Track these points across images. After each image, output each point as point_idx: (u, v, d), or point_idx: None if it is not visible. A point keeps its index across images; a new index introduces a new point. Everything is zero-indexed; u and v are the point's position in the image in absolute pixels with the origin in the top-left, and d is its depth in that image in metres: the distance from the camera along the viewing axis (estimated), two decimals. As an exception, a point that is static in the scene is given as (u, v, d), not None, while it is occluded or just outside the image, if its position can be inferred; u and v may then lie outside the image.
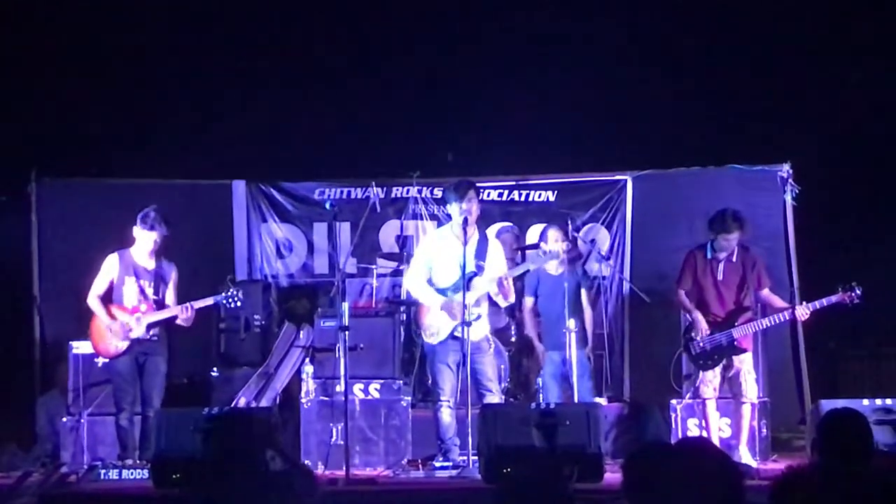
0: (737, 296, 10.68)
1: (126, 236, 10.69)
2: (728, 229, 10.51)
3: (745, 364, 10.58)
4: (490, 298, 10.44)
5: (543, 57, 13.33)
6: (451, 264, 10.26)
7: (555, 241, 11.39)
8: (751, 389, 10.59)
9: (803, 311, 10.52)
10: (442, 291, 10.30)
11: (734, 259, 10.65)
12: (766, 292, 10.70)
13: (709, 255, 10.69)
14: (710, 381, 10.61)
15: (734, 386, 10.62)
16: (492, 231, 12.28)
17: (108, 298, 10.65)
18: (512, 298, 10.55)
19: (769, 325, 10.68)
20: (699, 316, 10.63)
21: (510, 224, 13.08)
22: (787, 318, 10.61)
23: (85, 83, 13.09)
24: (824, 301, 10.49)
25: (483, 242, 10.41)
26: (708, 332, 10.55)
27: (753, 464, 10.44)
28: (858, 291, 10.34)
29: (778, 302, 10.69)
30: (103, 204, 12.67)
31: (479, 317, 10.21)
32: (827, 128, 12.96)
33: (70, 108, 13.02)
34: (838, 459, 5.57)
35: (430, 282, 10.41)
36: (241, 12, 13.33)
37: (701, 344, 10.57)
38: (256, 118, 13.29)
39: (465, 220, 10.14)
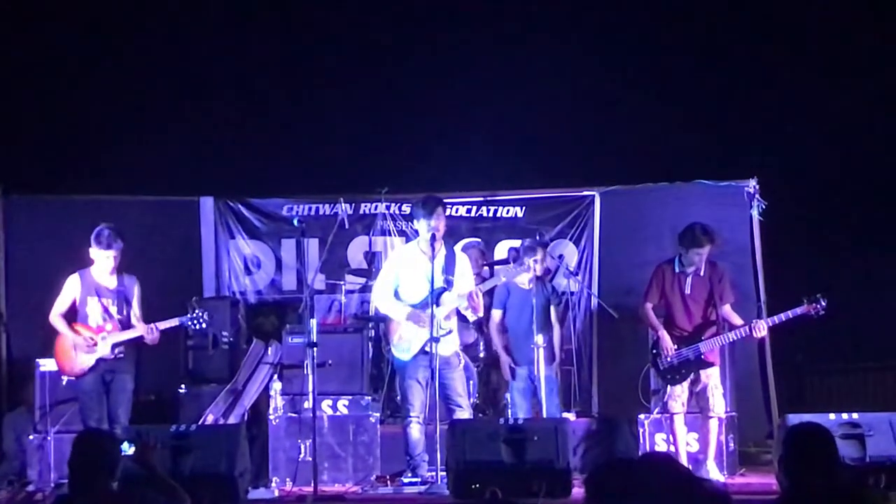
0: (704, 310, 10.70)
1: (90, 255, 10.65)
2: (699, 244, 10.54)
3: (712, 378, 10.60)
4: (459, 313, 10.46)
5: (511, 74, 13.38)
6: (419, 280, 10.26)
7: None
8: (718, 404, 10.61)
9: (760, 329, 10.56)
10: (420, 306, 10.31)
11: (702, 274, 10.67)
12: (727, 308, 10.70)
13: (677, 270, 10.71)
14: (679, 395, 10.63)
15: (701, 400, 10.64)
16: (458, 247, 12.29)
17: (71, 318, 10.60)
18: (481, 312, 10.56)
19: (735, 338, 10.69)
20: (664, 334, 10.65)
21: (476, 239, 13.09)
22: (745, 334, 10.63)
23: (52, 99, 13.07)
24: (790, 313, 10.49)
25: (451, 257, 10.40)
26: (674, 351, 10.58)
27: (721, 478, 10.48)
28: (823, 303, 10.34)
29: (736, 320, 10.68)
30: (71, 221, 12.58)
31: (449, 332, 10.22)
32: (793, 143, 13.05)
33: (37, 125, 13.00)
34: (804, 474, 5.59)
35: (397, 297, 10.42)
36: (208, 29, 13.34)
37: (668, 359, 10.61)
38: (224, 134, 13.30)
39: (433, 236, 10.16)
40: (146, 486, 6.62)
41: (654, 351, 10.74)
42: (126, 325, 10.58)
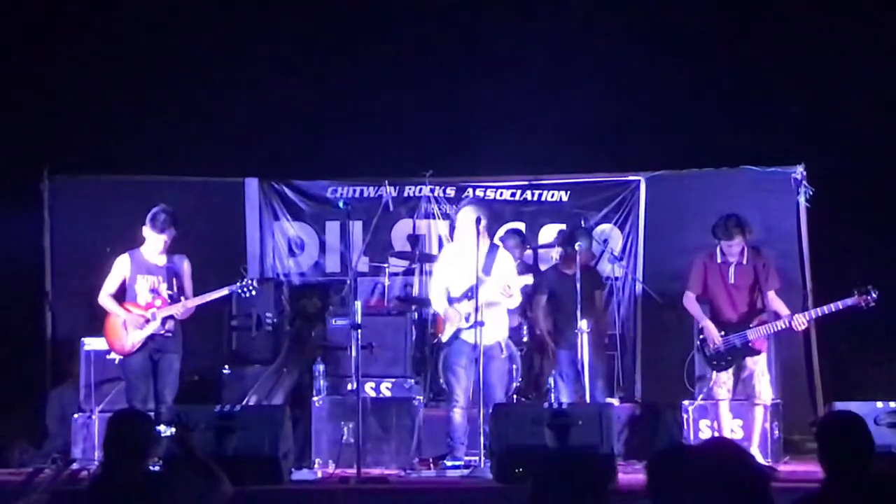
0: (749, 298, 10.63)
1: (138, 234, 10.68)
2: (730, 235, 10.48)
3: (758, 365, 10.54)
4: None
5: (556, 56, 13.30)
6: (460, 274, 10.35)
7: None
8: (765, 391, 10.56)
9: (800, 321, 10.48)
10: (457, 300, 10.36)
11: (745, 262, 10.60)
12: (772, 294, 10.60)
13: (719, 260, 10.66)
14: (724, 382, 10.58)
15: (748, 387, 10.58)
16: (502, 231, 12.33)
17: (120, 298, 10.65)
18: (518, 300, 10.59)
19: (783, 327, 10.59)
20: (708, 324, 10.60)
21: (517, 226, 12.99)
22: (786, 326, 10.54)
23: (97, 80, 13.09)
24: (840, 304, 10.40)
25: (492, 251, 10.48)
26: (720, 341, 10.51)
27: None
28: (874, 294, 10.22)
29: (781, 307, 10.59)
30: (116, 201, 12.67)
31: (480, 323, 10.14)
32: (841, 129, 12.91)
33: (83, 106, 13.02)
34: (840, 462, 5.52)
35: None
36: (252, 10, 13.33)
37: (715, 346, 10.55)
38: (269, 116, 13.28)
39: (478, 230, 10.17)
40: (186, 467, 6.63)
41: (701, 337, 10.68)
42: (176, 301, 10.62)
